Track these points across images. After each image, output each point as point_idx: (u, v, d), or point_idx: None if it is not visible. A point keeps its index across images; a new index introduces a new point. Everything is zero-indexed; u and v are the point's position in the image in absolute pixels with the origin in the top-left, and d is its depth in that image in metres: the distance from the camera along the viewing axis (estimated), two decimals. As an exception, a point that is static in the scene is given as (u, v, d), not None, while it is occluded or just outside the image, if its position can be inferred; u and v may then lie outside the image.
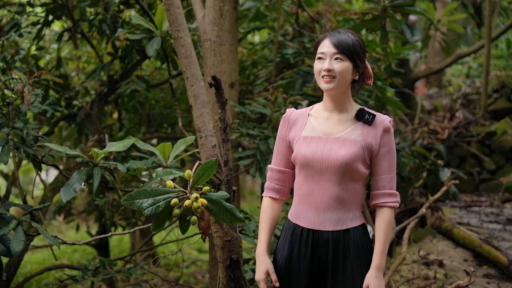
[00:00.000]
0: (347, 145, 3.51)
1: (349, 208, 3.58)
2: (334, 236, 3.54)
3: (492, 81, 14.73)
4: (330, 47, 3.53)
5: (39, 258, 12.87)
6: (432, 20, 12.49)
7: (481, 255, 7.58)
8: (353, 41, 3.53)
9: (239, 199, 7.37)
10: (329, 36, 3.58)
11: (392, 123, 3.59)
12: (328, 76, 3.51)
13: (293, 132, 3.71)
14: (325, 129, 3.61)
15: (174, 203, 3.36)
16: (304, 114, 3.74)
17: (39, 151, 5.02)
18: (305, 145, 3.59)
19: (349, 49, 3.51)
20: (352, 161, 3.48)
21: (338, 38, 3.54)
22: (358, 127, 3.57)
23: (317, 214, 3.57)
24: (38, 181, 11.24)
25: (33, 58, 8.18)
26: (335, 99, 3.62)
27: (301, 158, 3.58)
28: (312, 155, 3.53)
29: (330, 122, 3.63)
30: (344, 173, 3.50)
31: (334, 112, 3.64)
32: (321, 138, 3.57)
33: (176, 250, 4.63)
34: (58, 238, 4.12)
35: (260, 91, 7.58)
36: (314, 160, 3.53)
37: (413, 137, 11.11)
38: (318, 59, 3.58)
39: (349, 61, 3.52)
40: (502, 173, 12.22)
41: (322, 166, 3.52)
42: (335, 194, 3.53)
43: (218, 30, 5.63)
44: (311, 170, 3.56)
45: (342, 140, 3.53)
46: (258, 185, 15.46)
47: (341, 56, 3.51)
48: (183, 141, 5.07)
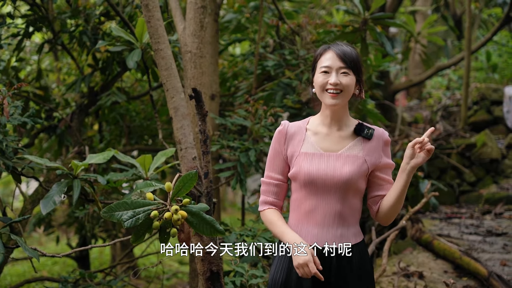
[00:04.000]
0: (350, 162, 3.48)
1: (350, 224, 3.55)
2: (337, 253, 3.50)
3: (472, 93, 14.84)
4: (336, 60, 3.46)
5: (19, 270, 12.80)
6: (412, 32, 12.57)
7: (461, 267, 7.60)
8: (356, 55, 3.50)
9: (220, 211, 7.37)
10: (334, 49, 3.51)
11: (388, 136, 3.62)
12: (335, 90, 3.44)
13: (291, 147, 3.63)
14: (326, 145, 3.56)
15: (154, 215, 3.34)
16: (302, 128, 3.66)
17: (18, 163, 4.99)
18: (307, 162, 3.53)
19: (355, 63, 3.47)
20: (357, 177, 3.47)
21: (343, 51, 3.48)
22: (358, 142, 3.55)
23: (321, 230, 3.52)
24: (18, 193, 11.20)
25: (13, 70, 8.14)
26: (336, 114, 3.57)
27: (304, 175, 3.51)
28: (316, 173, 3.48)
29: (330, 138, 3.58)
30: (348, 189, 3.48)
31: (333, 127, 3.59)
32: (322, 155, 3.53)
33: (156, 262, 4.61)
34: (38, 250, 4.09)
35: (240, 103, 7.58)
36: (318, 178, 3.48)
37: (394, 149, 11.15)
38: (322, 72, 3.49)
39: (353, 74, 3.47)
40: (482, 184, 12.28)
41: (326, 183, 3.47)
42: (338, 211, 3.50)
43: (198, 42, 5.65)
44: (315, 187, 3.51)
45: (345, 156, 3.50)
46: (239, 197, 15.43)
47: (347, 70, 3.45)
48: (163, 153, 5.07)
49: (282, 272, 3.59)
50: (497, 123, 14.25)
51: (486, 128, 13.65)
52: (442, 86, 18.47)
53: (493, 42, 17.28)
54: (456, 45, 19.00)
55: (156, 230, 3.46)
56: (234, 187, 6.11)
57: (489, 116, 14.29)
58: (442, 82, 18.62)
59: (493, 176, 12.48)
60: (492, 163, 12.50)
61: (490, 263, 7.60)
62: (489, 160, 12.41)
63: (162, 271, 9.87)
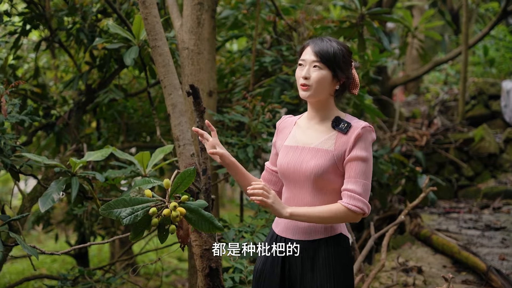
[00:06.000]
0: (318, 156, 3.44)
1: None
2: (304, 246, 3.50)
3: (470, 87, 14.85)
4: (311, 55, 3.46)
5: (18, 268, 12.79)
6: (409, 27, 12.55)
7: (460, 261, 7.60)
8: (334, 50, 3.44)
9: (218, 208, 7.36)
10: (312, 44, 3.51)
11: (367, 129, 3.44)
12: (305, 84, 3.44)
13: (279, 140, 3.72)
14: (303, 138, 3.56)
15: (152, 212, 3.34)
16: (292, 122, 3.73)
17: (17, 161, 4.99)
18: (283, 155, 3.58)
19: (329, 58, 3.42)
20: (322, 172, 3.42)
21: (320, 46, 3.46)
22: (332, 137, 3.48)
23: (289, 221, 3.54)
24: (16, 191, 11.18)
25: (11, 68, 8.13)
26: (315, 108, 3.56)
27: (279, 167, 3.59)
28: (286, 165, 3.52)
29: (309, 132, 3.57)
30: (315, 183, 3.45)
31: (313, 120, 3.59)
32: (298, 147, 3.54)
33: (155, 259, 4.62)
34: (37, 248, 4.09)
35: (238, 99, 7.58)
36: (288, 170, 3.52)
37: (392, 144, 11.14)
38: (299, 65, 3.52)
39: (328, 70, 3.43)
40: (480, 179, 12.30)
41: (295, 176, 3.50)
42: (308, 204, 3.48)
43: (195, 39, 5.64)
44: (287, 179, 3.56)
45: (315, 150, 3.47)
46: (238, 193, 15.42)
47: (319, 64, 3.43)
48: (161, 150, 5.06)
49: (259, 261, 3.68)
50: (494, 118, 14.27)
51: (484, 122, 13.67)
52: (439, 81, 18.50)
53: (490, 36, 17.27)
54: (453, 39, 18.97)
55: (155, 227, 3.46)
56: (233, 183, 6.10)
57: (487, 111, 14.31)
58: (440, 77, 18.65)
59: (491, 170, 12.51)
60: (490, 158, 12.52)
61: (488, 258, 7.61)
62: (487, 154, 12.43)
63: (161, 268, 9.88)
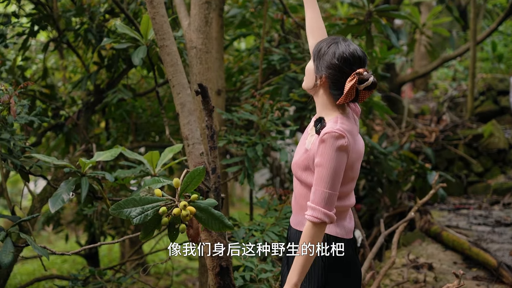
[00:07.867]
0: (300, 153, 3.50)
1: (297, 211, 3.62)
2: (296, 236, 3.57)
3: (478, 83, 14.79)
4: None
5: (29, 269, 12.80)
6: (417, 24, 12.53)
7: (470, 258, 7.60)
8: (321, 45, 3.46)
9: (228, 206, 7.36)
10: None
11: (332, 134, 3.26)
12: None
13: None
14: (303, 135, 3.62)
15: (162, 212, 3.34)
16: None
17: (26, 162, 5.00)
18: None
19: (314, 51, 3.49)
20: (298, 168, 3.49)
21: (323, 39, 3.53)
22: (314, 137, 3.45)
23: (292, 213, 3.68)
24: (26, 192, 11.21)
25: (19, 69, 8.15)
26: (316, 106, 3.57)
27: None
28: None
29: (308, 129, 3.62)
30: (299, 177, 3.51)
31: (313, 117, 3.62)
32: (299, 144, 3.61)
33: (166, 258, 4.62)
34: (47, 248, 4.10)
35: (246, 97, 7.59)
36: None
37: (401, 141, 11.13)
38: None
39: (313, 62, 3.48)
40: (489, 175, 12.25)
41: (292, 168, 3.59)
42: (295, 196, 3.61)
43: (203, 38, 5.64)
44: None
45: (301, 146, 3.53)
46: (247, 192, 15.40)
47: (311, 54, 3.54)
48: (170, 149, 5.07)
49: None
50: (503, 113, 14.20)
51: (493, 118, 13.61)
52: (448, 77, 18.43)
53: (498, 32, 17.22)
54: (461, 36, 18.93)
55: (165, 226, 3.47)
56: (242, 182, 6.11)
57: (496, 106, 14.25)
58: (448, 73, 18.58)
59: (501, 166, 12.45)
60: (500, 153, 12.47)
61: (499, 254, 7.59)
62: (496, 150, 12.38)
63: (171, 267, 9.90)
